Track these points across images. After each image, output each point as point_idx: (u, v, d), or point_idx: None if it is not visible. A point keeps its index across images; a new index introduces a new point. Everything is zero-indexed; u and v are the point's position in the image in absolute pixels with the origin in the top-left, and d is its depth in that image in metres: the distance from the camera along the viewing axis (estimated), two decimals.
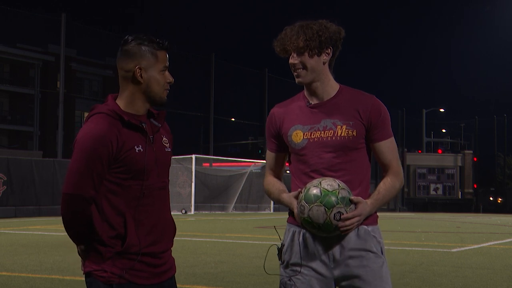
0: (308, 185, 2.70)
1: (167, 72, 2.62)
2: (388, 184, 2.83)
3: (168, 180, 2.71)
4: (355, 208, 2.68)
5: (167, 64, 2.62)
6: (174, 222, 2.72)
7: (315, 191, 2.65)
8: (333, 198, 2.63)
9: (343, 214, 2.64)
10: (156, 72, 2.58)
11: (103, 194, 2.52)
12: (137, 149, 2.52)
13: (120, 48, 2.60)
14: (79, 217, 2.51)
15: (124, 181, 2.51)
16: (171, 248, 2.70)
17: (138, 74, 2.56)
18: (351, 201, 2.67)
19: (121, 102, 2.60)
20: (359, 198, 2.70)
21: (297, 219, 2.74)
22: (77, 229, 2.55)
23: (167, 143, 2.69)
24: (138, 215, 2.53)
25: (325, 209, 2.62)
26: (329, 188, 2.64)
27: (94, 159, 2.46)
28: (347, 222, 2.65)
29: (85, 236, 2.56)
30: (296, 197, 2.75)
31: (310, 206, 2.64)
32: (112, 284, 2.50)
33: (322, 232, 2.68)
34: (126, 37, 2.59)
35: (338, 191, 2.65)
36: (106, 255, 2.52)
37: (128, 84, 2.59)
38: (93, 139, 2.46)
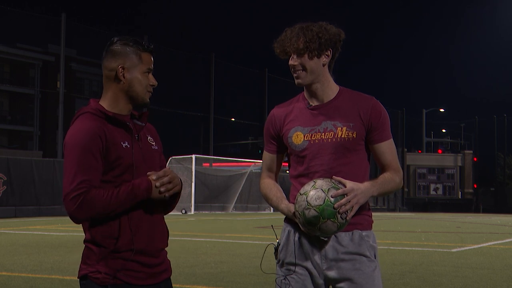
0: (299, 204, 2.68)
1: (151, 75, 2.64)
2: (388, 176, 2.82)
3: None
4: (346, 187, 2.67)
5: (152, 67, 2.64)
6: (165, 223, 2.70)
7: (312, 212, 2.63)
8: (329, 208, 2.62)
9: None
10: (139, 73, 2.60)
11: None
12: (123, 144, 2.54)
13: (106, 49, 2.63)
14: (94, 211, 2.44)
15: (116, 178, 2.50)
16: (166, 250, 2.68)
17: (121, 74, 2.58)
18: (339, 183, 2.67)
19: (104, 103, 2.62)
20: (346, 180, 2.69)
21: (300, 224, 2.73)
22: (103, 213, 2.46)
23: (153, 142, 2.70)
24: (132, 213, 2.52)
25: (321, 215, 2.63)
26: (319, 202, 2.63)
27: (88, 154, 2.45)
28: (342, 201, 2.62)
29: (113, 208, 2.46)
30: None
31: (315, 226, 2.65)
32: (107, 286, 2.48)
33: (324, 224, 2.64)
34: (112, 38, 2.63)
35: (326, 197, 2.63)
36: (100, 255, 2.50)
37: (111, 84, 2.61)
38: (83, 136, 2.47)
